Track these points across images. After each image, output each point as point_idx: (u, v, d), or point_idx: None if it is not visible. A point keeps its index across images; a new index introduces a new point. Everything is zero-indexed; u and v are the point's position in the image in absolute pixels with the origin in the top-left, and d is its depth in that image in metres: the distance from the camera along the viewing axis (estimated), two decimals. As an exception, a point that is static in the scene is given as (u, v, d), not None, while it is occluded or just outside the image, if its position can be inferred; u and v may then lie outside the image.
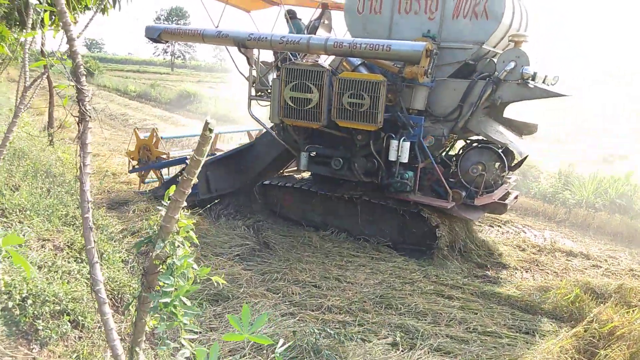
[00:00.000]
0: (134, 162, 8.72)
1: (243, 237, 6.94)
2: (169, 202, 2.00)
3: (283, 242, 6.89)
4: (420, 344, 4.44)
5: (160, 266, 2.12)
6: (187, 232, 2.15)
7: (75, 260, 3.63)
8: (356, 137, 6.82)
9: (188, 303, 2.14)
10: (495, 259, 7.02)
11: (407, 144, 6.45)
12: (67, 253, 3.73)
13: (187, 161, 7.11)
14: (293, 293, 5.35)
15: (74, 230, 4.17)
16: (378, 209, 7.08)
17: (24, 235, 3.36)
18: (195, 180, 1.86)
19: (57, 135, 12.96)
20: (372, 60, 6.83)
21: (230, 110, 18.63)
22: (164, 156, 8.34)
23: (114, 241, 5.56)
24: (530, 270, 6.94)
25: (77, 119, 1.84)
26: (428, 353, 4.21)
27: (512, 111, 7.56)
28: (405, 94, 6.72)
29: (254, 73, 7.63)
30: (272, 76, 7.76)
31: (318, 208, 7.70)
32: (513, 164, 7.36)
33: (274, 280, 5.66)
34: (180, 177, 1.91)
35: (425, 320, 5.00)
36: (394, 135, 6.60)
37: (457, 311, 5.20)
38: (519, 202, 10.81)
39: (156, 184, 8.85)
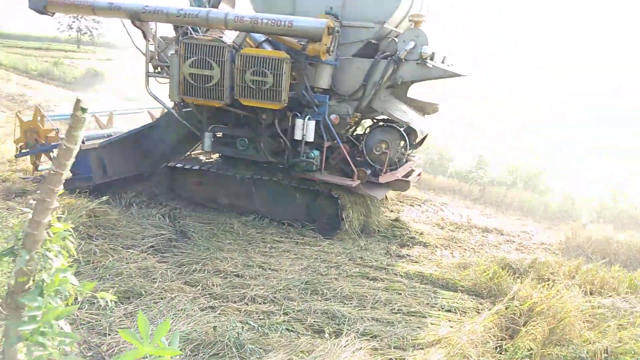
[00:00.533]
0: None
1: (158, 227, 6.47)
2: (34, 202, 1.61)
3: (202, 230, 6.49)
4: (347, 330, 4.34)
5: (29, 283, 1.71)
6: (63, 239, 1.76)
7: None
8: (261, 116, 6.64)
9: (65, 328, 1.75)
10: (416, 239, 7.11)
11: (312, 123, 6.41)
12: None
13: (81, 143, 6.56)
14: (213, 285, 5.04)
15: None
16: (285, 189, 7.02)
17: None
18: (67, 174, 1.52)
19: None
20: (276, 37, 6.65)
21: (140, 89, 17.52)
22: (53, 134, 7.58)
23: None
24: (449, 248, 7.12)
25: None
26: (355, 339, 4.11)
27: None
28: (309, 72, 6.62)
29: (152, 48, 7.20)
30: (172, 52, 7.28)
31: (225, 191, 7.47)
32: (416, 142, 7.47)
33: (192, 272, 5.31)
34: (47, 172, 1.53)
35: (351, 304, 4.91)
36: (299, 114, 6.53)
37: (381, 293, 5.17)
38: (438, 181, 11.17)
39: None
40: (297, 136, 6.47)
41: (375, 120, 7.74)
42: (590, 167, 13.85)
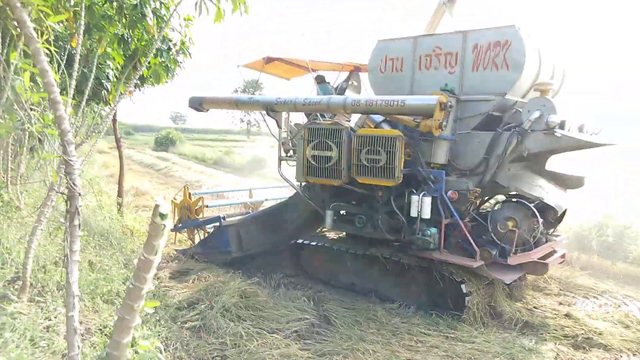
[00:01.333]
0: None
1: (302, 310, 6.42)
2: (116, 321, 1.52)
3: (345, 317, 6.27)
4: None
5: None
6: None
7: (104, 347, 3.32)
8: (377, 193, 6.74)
9: None
10: (594, 340, 5.96)
11: (428, 199, 6.28)
12: (98, 338, 3.44)
13: (222, 219, 7.17)
14: (353, 380, 4.71)
15: (114, 309, 3.92)
16: (404, 268, 6.72)
17: (55, 317, 3.12)
18: (149, 286, 1.45)
19: (135, 202, 13.46)
20: (393, 117, 6.77)
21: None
22: (199, 203, 8.71)
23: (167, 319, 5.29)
24: (639, 353, 5.81)
25: (64, 195, 1.53)
26: None
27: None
28: (424, 148, 6.69)
29: (283, 134, 7.90)
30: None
31: (347, 268, 7.40)
32: (553, 220, 6.99)
33: (332, 363, 5.06)
34: (130, 285, 1.46)
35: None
36: (414, 191, 6.50)
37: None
38: (617, 269, 9.56)
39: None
40: (413, 213, 6.33)
41: (507, 196, 7.28)
42: None
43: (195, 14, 3.37)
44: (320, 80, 8.85)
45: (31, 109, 3.50)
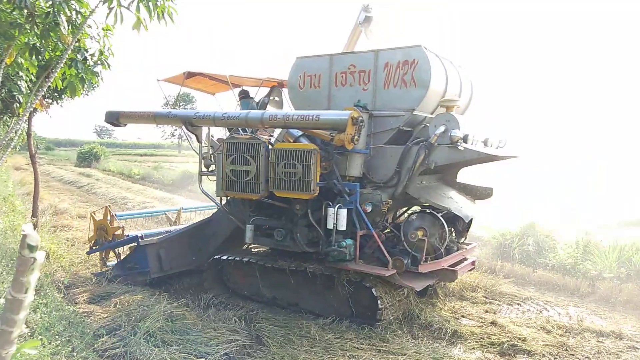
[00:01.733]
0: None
1: (233, 331, 6.20)
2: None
3: (277, 336, 6.12)
4: None
5: None
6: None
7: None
8: (295, 206, 6.82)
9: None
10: (518, 347, 6.19)
11: (344, 211, 6.46)
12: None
13: (140, 239, 6.83)
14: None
15: (18, 341, 3.54)
16: (322, 280, 6.85)
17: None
18: (19, 329, 1.27)
19: (53, 221, 12.55)
20: (309, 131, 6.94)
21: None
22: (119, 232, 8.33)
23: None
24: (559, 357, 6.09)
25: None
26: None
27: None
28: (340, 161, 6.84)
29: (204, 149, 7.94)
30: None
31: (268, 283, 7.44)
32: (462, 229, 7.35)
33: (264, 386, 4.89)
34: None
35: None
36: (331, 203, 6.60)
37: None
38: (538, 276, 10.06)
39: None
40: (330, 225, 6.49)
41: (422, 207, 7.55)
42: None
43: (111, 22, 3.18)
44: (243, 95, 8.95)
45: None
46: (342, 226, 6.44)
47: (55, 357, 3.82)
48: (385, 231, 7.32)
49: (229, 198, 7.61)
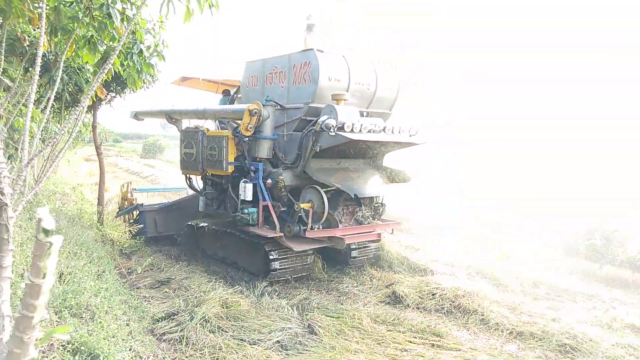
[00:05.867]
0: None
1: (286, 320, 6.26)
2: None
3: (329, 326, 6.11)
4: None
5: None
6: None
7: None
8: (222, 181, 8.76)
9: None
10: (582, 345, 5.85)
11: (250, 185, 7.98)
12: (58, 355, 3.25)
13: (139, 207, 9.36)
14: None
15: (79, 323, 3.73)
16: (241, 241, 8.22)
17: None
18: (40, 314, 1.24)
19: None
20: (234, 121, 8.61)
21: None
22: (134, 202, 10.78)
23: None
24: (625, 359, 5.71)
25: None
26: None
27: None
28: (252, 146, 8.26)
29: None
30: None
31: (220, 244, 8.92)
32: (366, 205, 8.18)
33: (314, 375, 4.90)
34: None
35: None
36: (244, 179, 8.16)
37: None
38: (605, 272, 9.52)
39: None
40: (241, 196, 8.04)
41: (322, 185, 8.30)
42: None
43: (164, 13, 3.23)
44: (225, 93, 10.83)
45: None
46: (249, 197, 7.93)
47: (112, 339, 3.98)
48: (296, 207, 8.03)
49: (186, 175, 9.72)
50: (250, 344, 5.48)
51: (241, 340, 5.58)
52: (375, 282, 8.11)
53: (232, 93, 10.75)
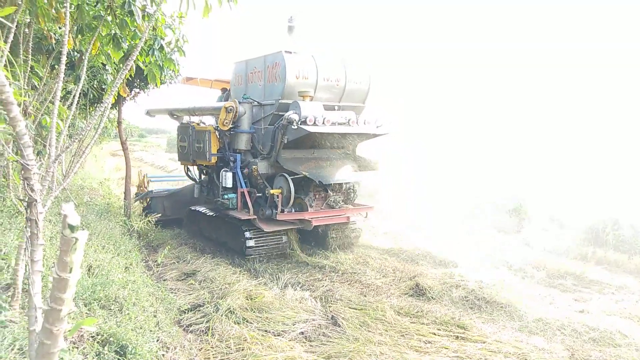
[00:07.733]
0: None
1: (309, 311, 6.30)
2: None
3: (353, 317, 6.13)
4: None
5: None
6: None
7: None
8: (209, 170, 9.87)
9: None
10: (610, 338, 5.74)
11: (229, 174, 8.91)
12: (89, 346, 3.34)
13: (150, 192, 10.34)
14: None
15: (107, 315, 3.82)
16: (226, 223, 9.15)
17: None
18: (68, 307, 1.27)
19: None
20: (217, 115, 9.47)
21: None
22: (148, 189, 11.84)
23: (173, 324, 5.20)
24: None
25: (24, 202, 1.41)
26: None
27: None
28: (232, 138, 9.16)
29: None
30: None
31: (212, 226, 9.84)
32: (336, 191, 8.91)
33: (338, 366, 4.92)
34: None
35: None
36: (225, 168, 9.08)
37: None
38: (635, 263, 9.30)
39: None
40: (223, 183, 8.92)
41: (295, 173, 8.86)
42: None
43: (184, 9, 3.26)
44: (223, 91, 11.59)
45: None
46: (229, 184, 8.85)
47: (139, 331, 4.07)
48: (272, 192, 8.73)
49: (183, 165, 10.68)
50: (275, 335, 5.54)
51: (265, 331, 5.64)
52: (399, 274, 8.08)
53: (228, 90, 11.54)
